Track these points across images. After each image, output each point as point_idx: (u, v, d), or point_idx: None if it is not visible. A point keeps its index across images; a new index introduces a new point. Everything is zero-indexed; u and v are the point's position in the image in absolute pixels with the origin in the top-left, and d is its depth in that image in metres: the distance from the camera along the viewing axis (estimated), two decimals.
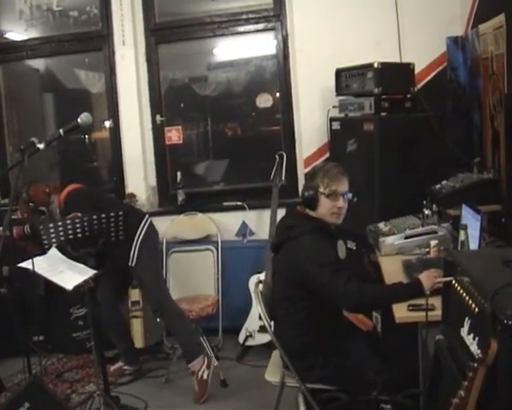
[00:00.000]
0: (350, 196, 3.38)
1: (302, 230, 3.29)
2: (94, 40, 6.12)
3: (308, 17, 5.45)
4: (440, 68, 5.25)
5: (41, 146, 3.21)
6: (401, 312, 2.89)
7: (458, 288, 1.99)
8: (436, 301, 2.53)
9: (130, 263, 4.67)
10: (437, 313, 2.39)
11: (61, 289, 3.80)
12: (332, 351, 3.23)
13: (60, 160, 6.66)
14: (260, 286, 3.58)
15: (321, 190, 3.31)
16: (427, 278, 2.89)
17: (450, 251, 3.39)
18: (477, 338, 1.78)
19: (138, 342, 5.21)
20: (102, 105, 6.25)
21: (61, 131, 3.37)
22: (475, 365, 1.60)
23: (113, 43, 5.96)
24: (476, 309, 1.79)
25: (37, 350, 4.88)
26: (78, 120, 3.43)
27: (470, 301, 1.85)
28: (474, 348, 1.79)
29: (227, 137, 6.30)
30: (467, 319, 1.87)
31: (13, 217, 5.16)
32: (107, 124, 5.59)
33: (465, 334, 1.88)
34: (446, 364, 2.06)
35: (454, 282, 2.05)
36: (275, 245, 3.47)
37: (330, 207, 3.31)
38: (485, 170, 4.33)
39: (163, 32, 6.00)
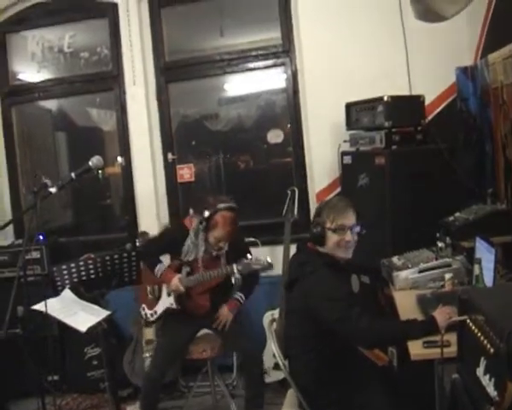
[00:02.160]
0: (358, 228, 3.36)
1: (314, 266, 3.28)
2: (105, 80, 6.18)
3: (317, 52, 5.48)
4: (450, 99, 5.24)
5: (53, 190, 3.23)
6: (416, 348, 2.86)
7: (473, 327, 1.96)
8: (452, 338, 2.49)
9: None
10: (453, 350, 2.35)
11: (74, 330, 3.81)
12: (345, 389, 3.19)
13: (73, 197, 6.68)
14: (274, 324, 3.56)
15: (327, 225, 3.32)
16: (442, 316, 2.87)
17: (464, 289, 3.35)
18: (493, 379, 1.75)
19: None
20: (114, 142, 6.30)
21: (72, 174, 3.39)
22: (492, 408, 1.58)
23: (123, 83, 6.02)
24: (491, 350, 1.76)
25: (51, 390, 4.87)
26: (90, 163, 3.45)
27: (485, 341, 1.82)
28: (490, 389, 1.76)
29: (239, 171, 6.31)
30: (482, 359, 1.84)
31: (26, 257, 5.18)
32: (119, 160, 5.63)
33: (481, 374, 1.85)
34: (463, 405, 2.03)
35: (468, 321, 2.02)
36: (288, 283, 3.46)
37: (338, 242, 3.32)
38: (499, 200, 4.29)
39: (173, 71, 6.05)
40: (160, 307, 4.73)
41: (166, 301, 4.69)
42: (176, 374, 5.38)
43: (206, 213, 4.45)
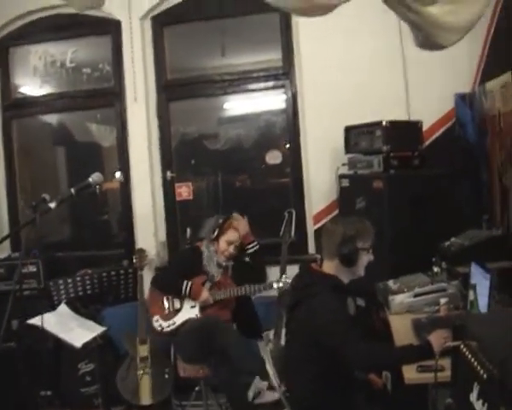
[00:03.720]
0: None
1: (320, 288, 3.29)
2: (106, 97, 6.22)
3: (317, 74, 5.52)
4: (449, 125, 5.29)
5: (52, 205, 3.23)
6: (410, 373, 2.88)
7: (466, 352, 1.98)
8: (445, 363, 2.51)
9: None
10: (446, 374, 2.36)
11: (69, 345, 3.82)
12: None
13: (70, 212, 6.69)
14: (270, 345, 3.56)
15: (360, 245, 3.33)
16: (437, 340, 2.88)
17: (459, 314, 3.38)
18: (486, 405, 1.76)
19: (146, 399, 5.16)
20: (114, 158, 6.32)
21: (72, 190, 3.40)
22: None
23: (124, 100, 6.05)
24: (484, 375, 1.77)
25: (44, 405, 4.86)
26: (90, 179, 3.46)
27: (478, 367, 1.83)
28: None
29: (237, 190, 6.34)
30: (475, 384, 1.85)
31: (23, 271, 5.20)
32: (118, 175, 5.69)
33: (474, 399, 1.86)
34: None
35: (462, 346, 2.04)
36: (291, 304, 3.46)
37: (366, 262, 3.39)
38: (494, 226, 4.33)
39: (174, 89, 6.10)
40: (180, 319, 4.80)
41: (188, 313, 4.79)
42: (168, 393, 5.36)
43: (221, 220, 4.88)
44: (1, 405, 5.18)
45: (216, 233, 4.85)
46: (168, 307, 4.85)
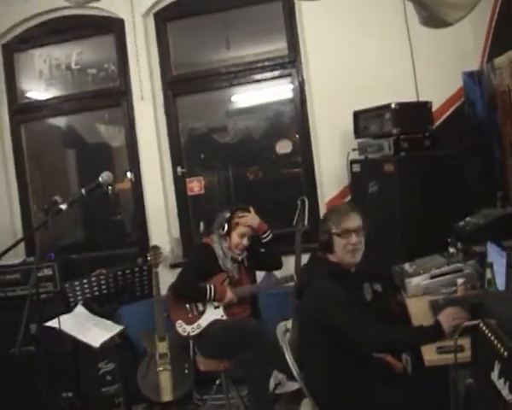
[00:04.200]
0: (366, 230, 3.39)
1: (318, 275, 3.31)
2: (113, 96, 6.22)
3: (323, 61, 5.50)
4: (458, 104, 5.25)
5: (64, 207, 3.24)
6: (430, 354, 2.85)
7: (486, 331, 1.96)
8: (465, 343, 2.48)
9: None
10: (467, 355, 2.34)
11: (88, 345, 3.82)
12: (361, 396, 3.18)
13: (83, 214, 6.70)
14: (287, 335, 3.56)
15: (333, 230, 3.33)
16: (446, 319, 2.87)
17: (477, 294, 3.35)
18: (508, 383, 1.74)
19: (167, 395, 5.16)
20: (124, 157, 6.33)
21: (83, 190, 3.40)
22: None
23: (131, 99, 6.05)
24: (505, 353, 1.75)
25: (66, 407, 4.87)
26: (100, 179, 3.46)
27: (499, 345, 1.81)
28: (505, 392, 1.75)
29: (248, 182, 6.31)
30: (496, 362, 1.83)
31: (38, 275, 5.20)
32: (129, 175, 5.66)
33: (496, 378, 1.84)
34: (478, 409, 2.02)
35: (481, 325, 2.02)
36: (296, 291, 3.48)
37: (345, 246, 3.33)
38: (509, 204, 4.29)
39: (180, 85, 6.09)
40: (205, 321, 4.74)
41: (213, 315, 4.74)
42: (189, 388, 5.36)
43: (227, 215, 4.80)
44: (24, 408, 5.20)
45: (226, 228, 4.81)
46: (191, 311, 4.79)
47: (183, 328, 4.75)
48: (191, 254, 5.45)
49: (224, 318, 4.73)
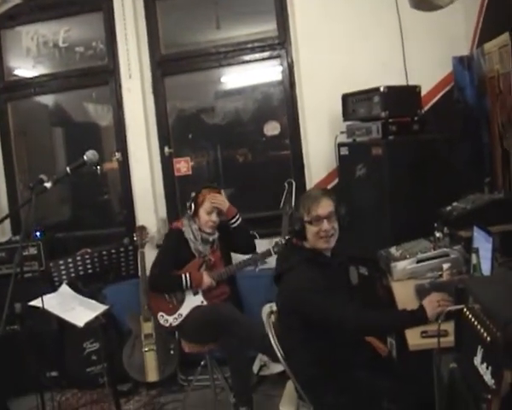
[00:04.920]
0: (341, 215, 3.38)
1: (293, 262, 3.31)
2: (100, 75, 6.17)
3: (312, 43, 5.47)
4: (447, 89, 5.24)
5: (48, 185, 3.21)
6: (414, 339, 2.85)
7: (470, 316, 1.96)
8: (449, 327, 2.49)
9: None
10: (450, 339, 2.35)
11: (72, 325, 3.81)
12: (344, 380, 3.18)
13: (71, 193, 6.67)
14: (272, 317, 3.55)
15: (305, 218, 3.30)
16: (431, 304, 2.88)
17: (461, 278, 3.35)
18: (490, 368, 1.74)
19: (152, 375, 5.18)
20: (112, 137, 6.28)
21: (67, 169, 3.37)
22: (489, 396, 1.57)
23: (119, 77, 6.00)
24: (488, 338, 1.75)
25: (51, 386, 4.87)
26: (84, 157, 3.43)
27: (482, 330, 1.81)
28: (487, 377, 1.75)
29: (237, 164, 6.30)
30: (479, 347, 1.83)
31: (24, 254, 5.19)
32: (117, 155, 5.62)
33: (478, 363, 1.84)
34: (461, 394, 2.02)
35: (465, 310, 2.02)
36: (275, 277, 3.47)
37: (316, 233, 3.30)
38: (496, 189, 4.29)
39: (169, 64, 6.04)
40: (186, 309, 4.67)
41: (194, 301, 4.68)
42: (174, 368, 5.37)
43: (193, 194, 4.74)
44: (8, 387, 5.20)
45: (193, 208, 4.71)
46: (171, 301, 4.71)
47: (165, 319, 4.69)
48: (163, 240, 5.29)
49: (204, 303, 4.69)
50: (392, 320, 3.10)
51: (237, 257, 5.05)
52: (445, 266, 3.60)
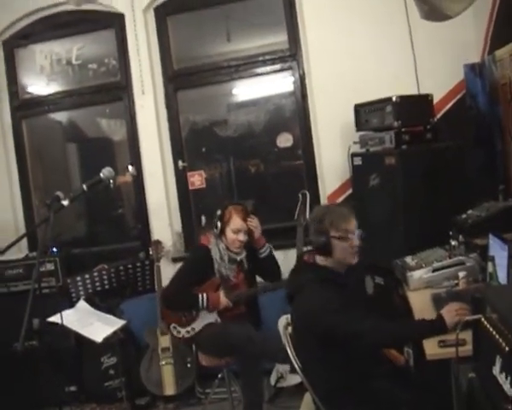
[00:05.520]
0: (361, 232, 3.35)
1: (307, 281, 3.29)
2: (113, 91, 6.22)
3: (323, 54, 5.49)
4: (459, 96, 5.24)
5: (65, 202, 3.24)
6: (432, 348, 2.84)
7: (488, 325, 1.96)
8: (467, 336, 2.48)
9: None
10: (468, 349, 2.35)
11: (90, 340, 3.83)
12: (363, 392, 3.17)
13: (85, 208, 6.69)
14: (289, 328, 3.55)
15: (333, 233, 3.25)
16: (450, 314, 2.86)
17: (478, 287, 3.35)
18: (509, 377, 1.74)
19: (170, 389, 5.19)
20: (125, 152, 6.33)
21: (84, 186, 3.40)
22: (509, 407, 1.57)
23: (132, 93, 6.05)
24: (507, 348, 1.76)
25: (69, 401, 4.89)
26: (101, 174, 3.46)
27: (500, 340, 1.81)
28: (507, 387, 1.75)
29: (250, 175, 6.31)
30: (498, 357, 1.84)
31: (41, 270, 5.22)
32: (130, 169, 5.66)
33: (497, 373, 1.84)
34: (480, 403, 2.02)
35: (483, 319, 2.02)
36: (287, 296, 3.45)
37: (346, 249, 3.27)
38: (511, 197, 4.28)
39: (181, 79, 6.08)
40: (199, 324, 4.63)
41: (207, 318, 4.63)
42: (192, 382, 5.38)
43: (219, 212, 4.60)
44: (27, 403, 5.23)
45: (219, 227, 4.59)
46: (185, 315, 4.67)
47: (178, 330, 4.69)
48: (188, 255, 5.32)
49: (218, 321, 4.63)
50: (410, 331, 3.08)
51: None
52: (461, 274, 3.60)
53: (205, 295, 4.53)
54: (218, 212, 4.60)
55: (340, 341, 3.08)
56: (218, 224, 4.58)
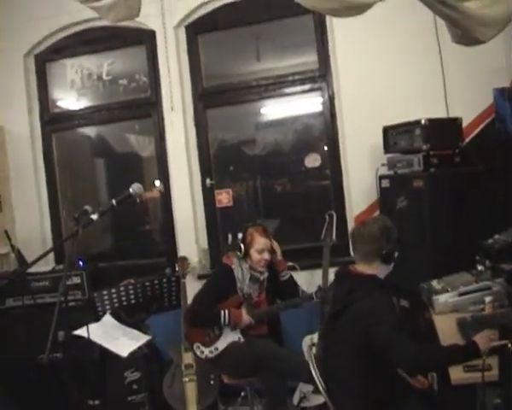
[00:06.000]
0: None
1: (366, 289, 3.29)
2: (143, 107, 6.27)
3: (353, 75, 5.50)
4: (488, 120, 5.21)
5: (94, 217, 3.27)
6: (457, 373, 2.84)
7: None
8: (493, 361, 2.47)
9: None
10: (494, 373, 2.34)
11: (114, 354, 3.85)
12: None
13: (112, 223, 6.75)
14: (314, 349, 3.55)
15: (392, 244, 3.43)
16: (483, 340, 2.85)
17: (504, 312, 3.33)
18: None
19: (192, 405, 5.18)
20: (153, 168, 6.36)
21: (113, 201, 3.43)
22: None
23: (161, 110, 6.09)
24: None
25: None
26: (130, 190, 3.49)
27: None
28: None
29: (277, 194, 6.31)
30: None
31: (67, 283, 5.25)
32: (157, 184, 5.68)
33: None
34: None
35: (510, 345, 2.01)
36: (334, 312, 3.44)
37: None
38: None
39: (210, 97, 6.12)
40: (223, 344, 4.73)
41: (231, 337, 4.72)
42: (214, 399, 5.37)
43: (240, 235, 4.76)
44: None
45: (243, 249, 4.75)
46: (208, 334, 4.78)
47: (201, 350, 4.74)
48: (211, 274, 5.44)
49: (242, 339, 4.70)
50: (448, 356, 3.05)
51: None
52: (488, 299, 3.58)
53: (227, 311, 4.63)
54: (239, 235, 4.78)
55: (382, 353, 3.08)
56: (242, 247, 4.72)
